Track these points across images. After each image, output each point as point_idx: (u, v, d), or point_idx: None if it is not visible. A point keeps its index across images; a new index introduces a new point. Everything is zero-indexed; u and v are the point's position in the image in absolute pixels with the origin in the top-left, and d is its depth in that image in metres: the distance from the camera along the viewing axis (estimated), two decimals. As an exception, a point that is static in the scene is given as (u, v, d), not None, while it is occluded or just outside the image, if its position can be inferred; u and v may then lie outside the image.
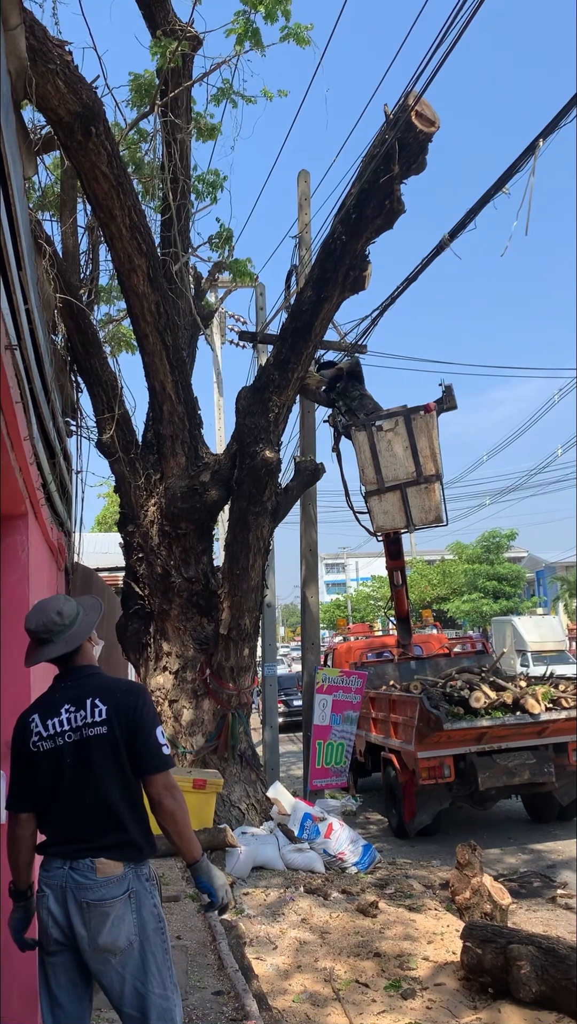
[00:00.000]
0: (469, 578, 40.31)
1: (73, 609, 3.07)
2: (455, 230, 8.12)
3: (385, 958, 5.26)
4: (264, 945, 5.56)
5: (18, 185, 3.21)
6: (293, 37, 7.90)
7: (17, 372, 3.23)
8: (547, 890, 7.34)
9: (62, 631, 3.00)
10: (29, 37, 5.18)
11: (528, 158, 6.93)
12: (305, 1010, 4.59)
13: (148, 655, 8.64)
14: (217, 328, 20.29)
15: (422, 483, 9.87)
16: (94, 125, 6.31)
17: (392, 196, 7.06)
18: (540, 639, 27.63)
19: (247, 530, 8.08)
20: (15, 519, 4.04)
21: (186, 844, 2.90)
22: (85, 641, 3.06)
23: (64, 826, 2.90)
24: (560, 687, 9.37)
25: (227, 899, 2.98)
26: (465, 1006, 4.58)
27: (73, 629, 3.02)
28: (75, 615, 3.05)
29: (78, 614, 3.07)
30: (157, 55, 7.56)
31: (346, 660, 13.60)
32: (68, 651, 3.00)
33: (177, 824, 2.88)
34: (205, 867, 2.95)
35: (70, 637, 3.01)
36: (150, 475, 8.47)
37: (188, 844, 2.90)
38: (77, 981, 2.90)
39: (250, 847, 7.20)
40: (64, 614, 3.02)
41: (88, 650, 3.11)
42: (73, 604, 3.10)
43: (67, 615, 3.02)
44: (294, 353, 7.97)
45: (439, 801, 9.29)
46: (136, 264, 7.28)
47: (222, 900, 2.96)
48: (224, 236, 10.05)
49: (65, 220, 8.24)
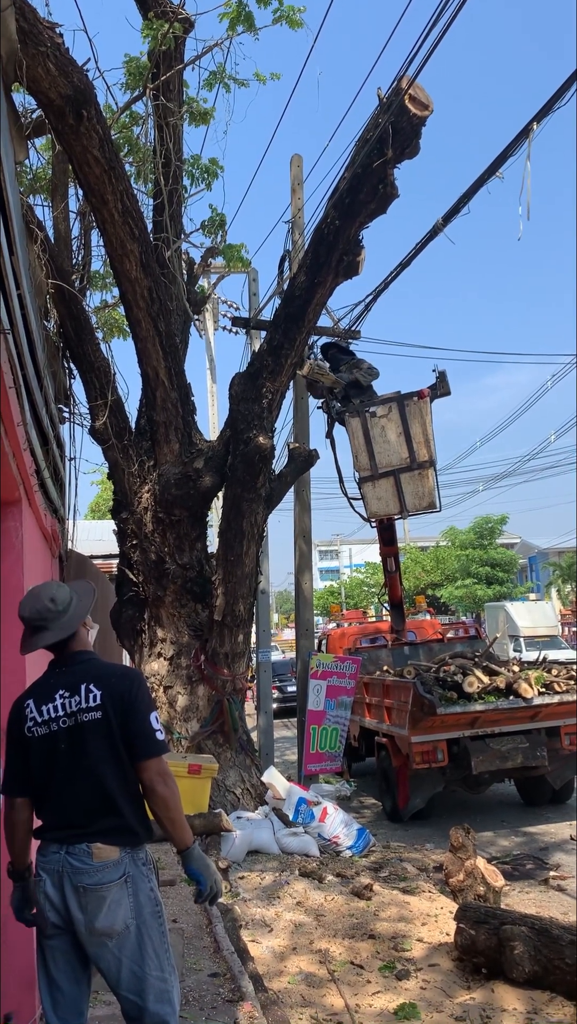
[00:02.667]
0: (462, 564, 40.42)
1: (66, 595, 3.05)
2: (449, 215, 8.11)
3: (380, 940, 5.31)
4: (260, 928, 5.60)
5: (9, 169, 3.19)
6: (286, 20, 7.82)
7: (10, 358, 3.22)
8: (540, 872, 7.41)
9: (56, 618, 2.99)
10: (19, 19, 5.12)
11: (522, 142, 6.91)
12: (301, 991, 4.63)
13: (142, 641, 8.65)
14: (210, 314, 20.22)
15: (416, 469, 9.89)
16: (85, 109, 6.24)
17: (386, 180, 7.03)
18: (532, 624, 27.78)
19: (241, 516, 8.09)
20: (9, 505, 4.04)
21: (178, 831, 2.90)
22: (79, 627, 3.06)
23: (60, 811, 2.90)
24: (553, 672, 9.42)
25: (216, 888, 2.98)
26: (459, 986, 4.63)
27: (67, 615, 3.01)
28: (68, 601, 3.04)
29: (71, 600, 3.05)
30: (149, 38, 7.48)
31: (340, 646, 13.64)
32: (63, 637, 3.00)
33: (169, 810, 2.88)
34: (196, 855, 2.95)
35: (64, 623, 3.00)
36: (143, 462, 8.45)
37: (180, 831, 2.90)
38: (75, 965, 2.92)
39: (245, 831, 7.24)
40: (57, 600, 3.01)
41: (83, 636, 3.10)
42: (66, 590, 3.09)
43: (60, 601, 3.01)
44: (287, 339, 7.95)
45: (433, 785, 9.35)
46: (128, 249, 7.24)
47: (211, 889, 2.95)
48: (217, 221, 9.98)
49: (57, 205, 8.17)
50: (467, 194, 7.79)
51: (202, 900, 2.98)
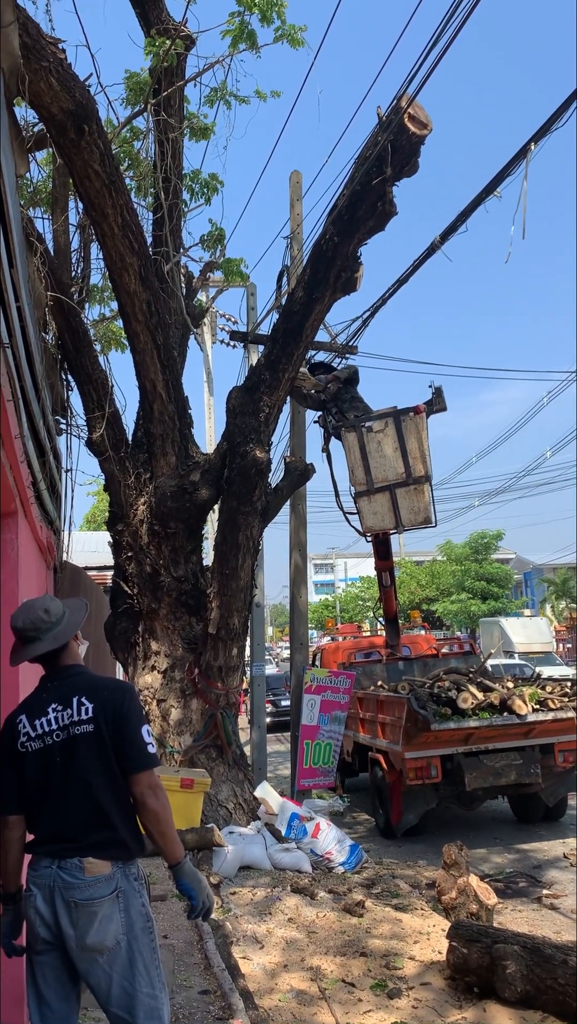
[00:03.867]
0: (457, 579, 40.46)
1: (59, 608, 3.09)
2: (446, 232, 8.16)
3: (372, 957, 5.27)
4: (251, 944, 5.56)
5: (10, 182, 3.21)
6: (287, 38, 7.91)
7: (8, 370, 3.23)
8: (533, 890, 7.38)
9: (49, 628, 3.01)
10: (22, 34, 5.17)
11: (520, 161, 6.97)
12: (292, 1009, 4.60)
13: (136, 654, 8.63)
14: (208, 328, 20.28)
15: (411, 484, 9.90)
16: (87, 123, 6.29)
17: (384, 198, 7.08)
18: (527, 640, 27.82)
19: (237, 530, 8.09)
20: (5, 517, 4.04)
21: (169, 845, 2.88)
22: (71, 640, 3.08)
23: (52, 825, 2.88)
24: (547, 688, 9.41)
25: (208, 903, 2.95)
26: (451, 1005, 4.60)
27: (60, 627, 3.03)
28: (62, 614, 3.07)
29: (64, 613, 3.09)
30: (151, 54, 7.55)
31: (334, 660, 13.62)
32: (54, 648, 3.01)
33: (160, 824, 2.86)
34: (188, 869, 2.92)
35: (57, 635, 3.02)
36: (140, 474, 8.46)
37: (171, 845, 2.88)
38: (65, 980, 2.89)
39: (237, 846, 7.20)
40: (51, 612, 3.03)
41: (74, 649, 3.12)
42: (59, 604, 3.12)
43: (54, 613, 3.04)
44: (285, 353, 7.98)
45: (426, 801, 9.32)
46: (128, 263, 7.27)
47: (203, 904, 2.93)
48: (216, 236, 10.05)
49: (57, 218, 8.21)
50: (465, 212, 7.85)
51: (194, 916, 2.96)
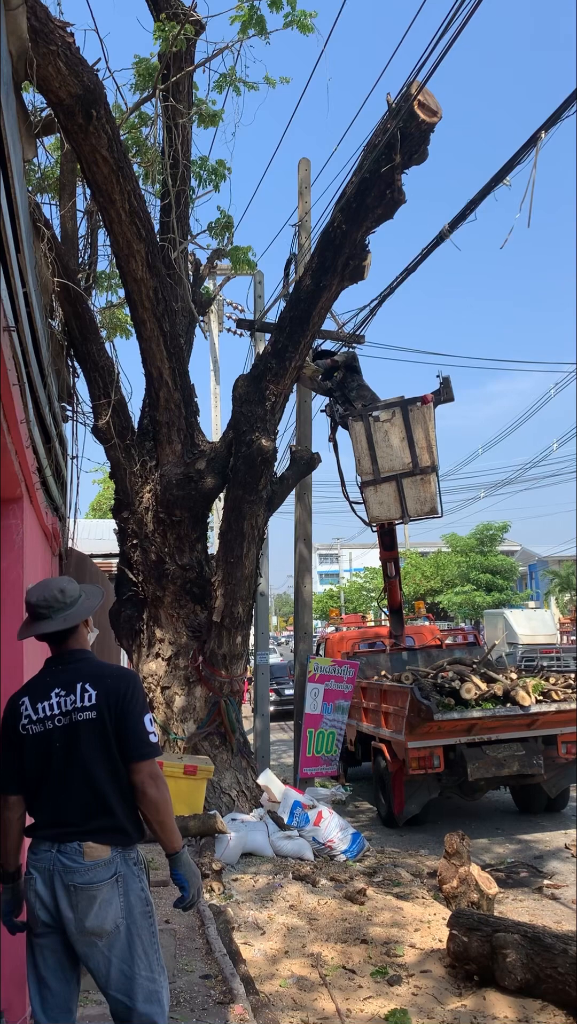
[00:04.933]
0: (462, 570, 40.42)
1: (76, 590, 3.09)
2: (455, 221, 8.10)
3: (372, 944, 5.30)
4: (252, 930, 5.59)
5: (18, 168, 3.20)
6: (297, 24, 7.83)
7: (14, 355, 3.22)
8: (534, 880, 7.40)
9: (61, 609, 3.01)
10: (31, 17, 5.14)
11: (529, 150, 6.91)
12: (292, 994, 4.63)
13: (141, 641, 8.66)
14: (215, 316, 20.21)
15: (418, 474, 9.87)
16: (95, 108, 6.26)
17: (393, 186, 7.04)
18: (531, 632, 27.82)
19: (242, 518, 8.09)
20: (10, 503, 4.04)
21: (167, 834, 2.89)
22: (80, 625, 3.08)
23: (52, 809, 2.90)
24: (550, 680, 9.41)
25: (197, 898, 2.99)
26: (450, 993, 4.63)
27: (72, 609, 3.03)
28: (77, 596, 3.07)
29: (80, 596, 3.09)
30: (160, 39, 7.50)
31: (338, 650, 13.63)
32: (63, 629, 3.01)
33: (159, 813, 2.87)
34: (184, 860, 2.94)
35: (68, 616, 3.02)
36: (145, 462, 8.46)
37: (169, 834, 2.89)
38: (65, 963, 2.91)
39: (240, 833, 7.23)
40: (66, 592, 3.04)
41: (83, 634, 3.12)
42: (76, 586, 3.12)
43: (69, 594, 3.04)
44: (292, 342, 7.95)
45: (428, 791, 9.34)
46: (135, 249, 7.25)
47: (192, 897, 2.96)
48: (224, 223, 10.00)
49: (64, 204, 8.19)
50: (474, 201, 7.78)
51: (181, 906, 2.98)
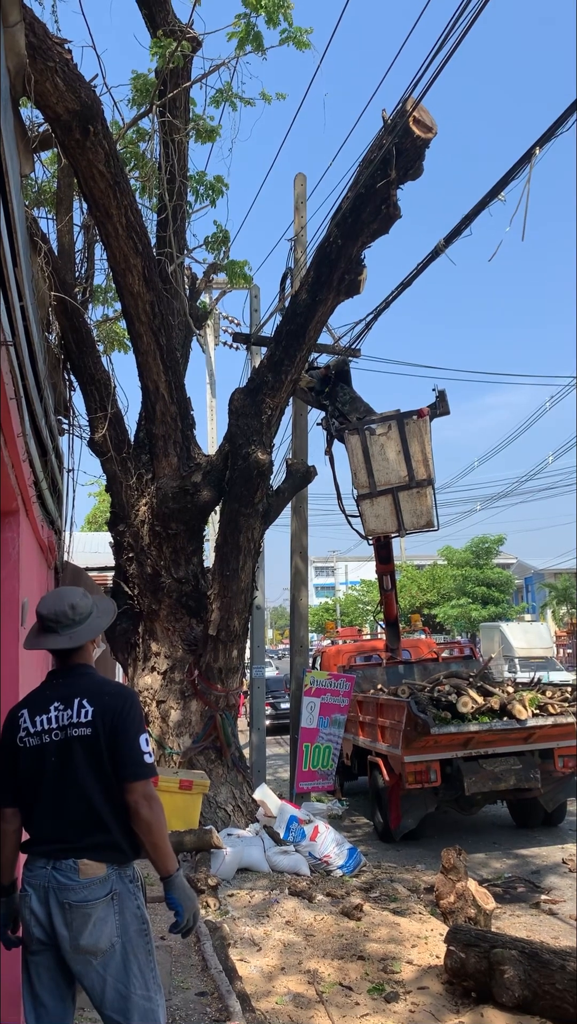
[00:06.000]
0: (458, 584, 40.40)
1: (88, 607, 3.05)
2: (450, 236, 8.15)
3: (369, 961, 5.26)
4: (248, 946, 5.55)
5: (15, 182, 3.21)
6: (293, 40, 7.91)
7: (11, 369, 3.22)
8: (531, 895, 7.35)
9: (70, 625, 2.99)
10: (29, 34, 5.18)
11: (524, 165, 6.96)
12: (289, 1012, 4.59)
13: (137, 655, 8.63)
14: (211, 329, 20.27)
15: (414, 487, 9.88)
16: (92, 124, 6.30)
17: (388, 201, 7.09)
18: (527, 645, 27.78)
19: (238, 532, 8.09)
20: (7, 516, 4.04)
21: (161, 857, 2.85)
22: (88, 642, 3.06)
23: (47, 825, 2.88)
24: (547, 693, 9.39)
25: (193, 923, 2.93)
26: (448, 1010, 4.59)
27: (81, 627, 3.01)
28: (87, 614, 3.04)
29: (90, 614, 3.05)
30: (157, 55, 7.56)
31: (335, 663, 13.59)
32: (69, 648, 3.00)
33: (152, 835, 2.83)
34: (179, 883, 2.90)
35: (75, 634, 2.99)
36: (142, 475, 8.46)
37: (163, 857, 2.85)
38: (60, 981, 2.88)
39: (236, 848, 7.19)
40: (77, 609, 3.01)
41: (88, 650, 3.10)
42: (89, 602, 3.08)
43: (80, 611, 3.01)
44: (288, 355, 7.98)
45: (425, 805, 9.30)
46: (132, 264, 7.28)
47: (187, 923, 2.91)
48: (220, 238, 10.06)
49: (61, 218, 8.22)
50: (469, 216, 7.84)
51: (176, 931, 2.93)
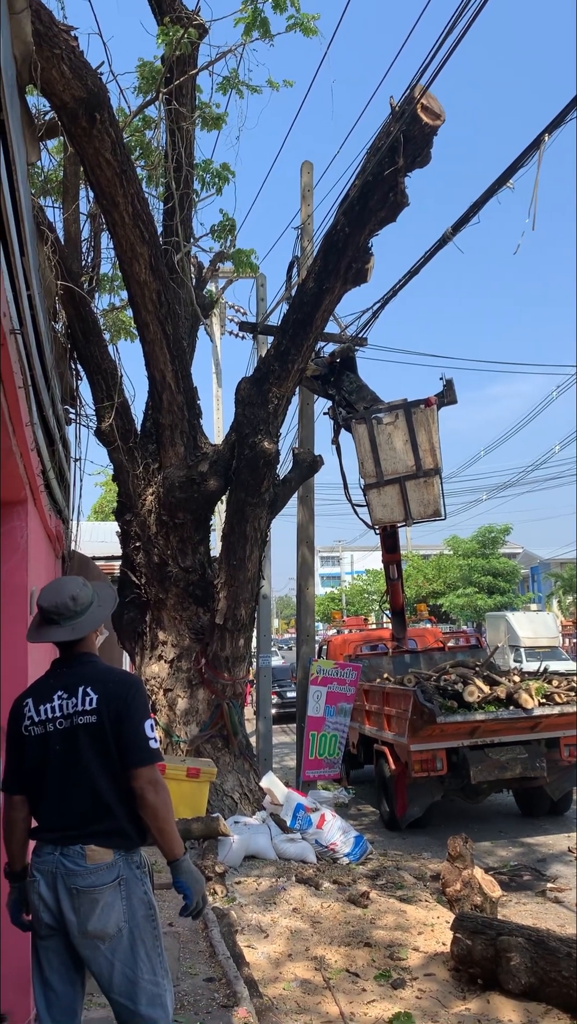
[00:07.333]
0: (464, 573, 40.37)
1: (88, 597, 3.04)
2: (458, 224, 8.10)
3: (376, 948, 5.29)
4: (256, 933, 5.59)
5: (22, 170, 3.20)
6: (300, 27, 7.85)
7: (19, 358, 3.22)
8: (537, 883, 7.38)
9: (71, 617, 2.99)
10: (35, 21, 5.16)
11: (533, 153, 6.92)
12: (296, 997, 4.62)
13: (144, 644, 8.66)
14: (217, 318, 20.22)
15: (421, 477, 9.85)
16: (98, 112, 6.28)
17: (396, 188, 7.04)
18: (533, 635, 27.72)
19: (244, 521, 8.09)
20: (15, 505, 4.05)
21: (167, 841, 2.86)
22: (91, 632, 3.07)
23: (54, 812, 2.90)
24: (553, 683, 9.40)
25: (202, 905, 2.95)
26: (454, 996, 4.62)
27: (83, 618, 3.01)
28: (88, 604, 3.03)
29: (91, 603, 3.05)
30: (163, 43, 7.51)
31: (341, 652, 13.61)
32: (70, 639, 3.00)
33: (158, 820, 2.84)
34: (186, 867, 2.91)
35: (77, 625, 2.99)
36: (148, 464, 8.47)
37: (169, 841, 2.87)
38: (69, 965, 2.91)
39: (243, 836, 7.23)
40: (78, 600, 3.00)
41: (91, 639, 3.11)
42: (89, 592, 3.07)
43: (81, 602, 3.00)
44: (295, 344, 7.96)
45: (431, 794, 9.32)
46: (138, 252, 7.26)
47: (197, 905, 2.92)
48: (227, 226, 10.01)
49: (68, 207, 8.20)
50: (477, 204, 7.79)
51: (186, 914, 2.95)
